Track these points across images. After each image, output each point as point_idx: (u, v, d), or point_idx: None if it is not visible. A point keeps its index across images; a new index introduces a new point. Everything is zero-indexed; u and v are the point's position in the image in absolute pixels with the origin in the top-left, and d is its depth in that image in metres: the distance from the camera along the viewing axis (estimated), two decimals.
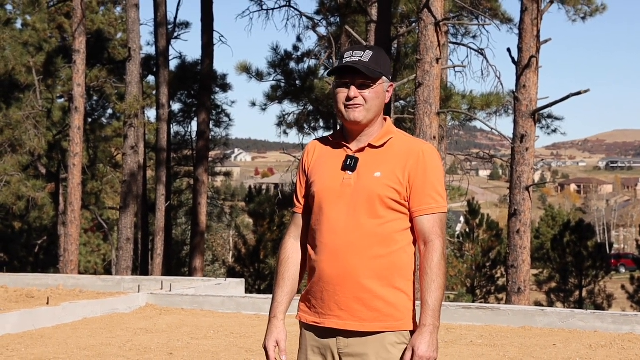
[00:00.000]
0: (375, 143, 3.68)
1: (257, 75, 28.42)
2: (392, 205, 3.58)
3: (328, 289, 3.61)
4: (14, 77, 30.97)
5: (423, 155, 3.63)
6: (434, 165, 3.64)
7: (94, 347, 10.35)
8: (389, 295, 3.56)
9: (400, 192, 3.58)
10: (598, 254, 41.40)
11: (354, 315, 3.57)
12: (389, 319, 3.57)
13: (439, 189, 3.63)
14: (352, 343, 3.59)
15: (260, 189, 36.87)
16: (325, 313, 3.64)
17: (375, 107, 3.66)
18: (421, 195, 3.59)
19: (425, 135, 15.10)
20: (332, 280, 3.59)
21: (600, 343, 10.39)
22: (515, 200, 17.88)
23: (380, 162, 3.64)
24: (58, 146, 33.06)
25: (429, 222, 3.59)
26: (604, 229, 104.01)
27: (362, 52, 3.65)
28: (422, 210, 3.60)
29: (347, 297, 3.57)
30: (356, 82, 3.63)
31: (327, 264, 3.60)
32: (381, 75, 3.67)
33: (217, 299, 14.22)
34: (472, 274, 38.23)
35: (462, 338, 10.98)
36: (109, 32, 34.29)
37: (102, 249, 42.89)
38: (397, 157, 3.63)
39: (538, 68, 18.03)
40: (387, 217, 3.58)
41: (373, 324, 3.56)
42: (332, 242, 3.59)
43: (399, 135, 3.74)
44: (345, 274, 3.56)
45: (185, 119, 36.01)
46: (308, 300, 3.73)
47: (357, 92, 3.63)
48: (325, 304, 3.63)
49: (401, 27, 24.06)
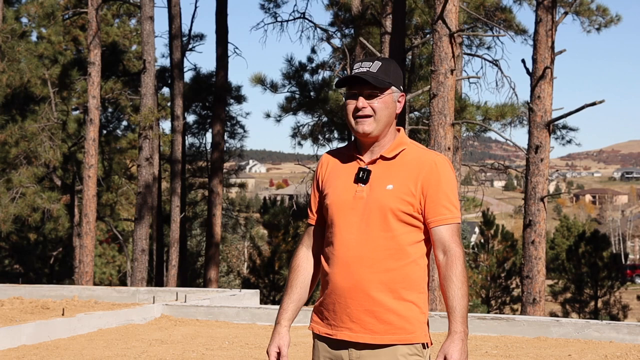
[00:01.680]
0: (388, 155, 3.68)
1: (271, 87, 28.45)
2: (404, 218, 3.58)
3: (340, 301, 3.62)
4: (29, 89, 31.08)
5: (436, 166, 3.62)
6: (447, 177, 3.63)
7: (109, 358, 10.37)
8: (400, 308, 3.57)
9: (413, 204, 3.58)
10: (613, 264, 41.28)
11: (365, 328, 3.58)
12: (401, 332, 3.57)
13: (452, 199, 3.63)
14: (364, 355, 3.60)
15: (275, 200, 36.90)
16: (337, 325, 3.65)
17: (385, 118, 3.65)
18: (436, 206, 3.59)
19: (439, 146, 15.11)
20: (344, 292, 3.60)
21: (616, 354, 10.35)
22: (530, 210, 17.87)
23: (392, 174, 3.64)
24: (73, 158, 33.16)
25: (447, 231, 3.59)
26: (619, 239, 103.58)
27: (371, 63, 3.66)
28: (438, 220, 3.59)
29: (358, 310, 3.58)
30: (364, 93, 3.64)
31: (339, 277, 3.61)
32: (390, 85, 3.66)
33: (232, 310, 14.22)
34: (487, 285, 38.16)
35: (477, 349, 10.96)
36: (123, 45, 34.40)
37: (117, 260, 42.97)
38: (410, 168, 3.63)
39: (552, 79, 18.04)
40: (399, 229, 3.58)
41: (384, 337, 3.57)
42: (344, 255, 3.61)
43: (411, 147, 3.73)
44: (356, 287, 3.57)
45: (200, 131, 36.07)
46: (320, 312, 3.75)
47: (365, 102, 3.63)
48: (337, 316, 3.65)
49: (415, 38, 24.07)
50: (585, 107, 17.70)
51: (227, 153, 34.99)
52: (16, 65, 30.20)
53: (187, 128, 33.81)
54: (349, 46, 25.77)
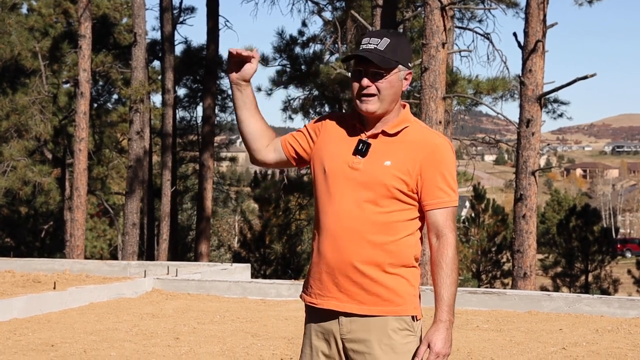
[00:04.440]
0: (390, 130, 3.65)
1: (262, 60, 28.37)
2: (397, 196, 3.56)
3: (328, 271, 3.61)
4: (19, 62, 31.00)
5: (437, 149, 3.60)
6: (448, 160, 3.61)
7: (100, 331, 10.37)
8: (389, 281, 3.56)
9: (408, 183, 3.56)
10: (604, 238, 41.33)
11: (353, 298, 3.58)
12: (389, 304, 3.57)
13: (451, 183, 3.61)
14: (354, 329, 3.60)
15: (266, 174, 36.71)
16: (324, 295, 3.65)
17: (389, 97, 3.61)
18: (433, 188, 3.57)
19: (430, 120, 15.10)
20: (332, 263, 3.59)
21: (607, 328, 10.39)
22: (521, 185, 17.87)
23: (391, 151, 3.61)
24: (64, 131, 33.08)
25: (442, 215, 3.58)
26: (610, 213, 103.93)
27: (379, 40, 3.59)
28: (434, 204, 3.58)
29: (345, 281, 3.58)
30: (369, 71, 3.58)
31: (327, 247, 3.61)
32: (397, 64, 3.60)
33: (223, 284, 14.23)
34: (478, 259, 38.22)
35: (468, 323, 10.99)
36: (114, 17, 34.24)
37: (108, 234, 42.93)
38: (410, 147, 3.60)
39: (544, 52, 18.00)
40: (391, 206, 3.56)
41: (372, 308, 3.57)
42: (333, 226, 3.59)
43: (415, 125, 3.69)
44: (344, 259, 3.56)
45: (191, 104, 36.02)
46: (308, 281, 3.75)
47: (369, 82, 3.58)
48: (324, 286, 3.64)
49: (407, 11, 24.00)
50: (577, 80, 17.68)
51: (218, 127, 34.95)
52: (7, 37, 30.11)
53: (178, 101, 33.72)
54: (340, 19, 25.71)
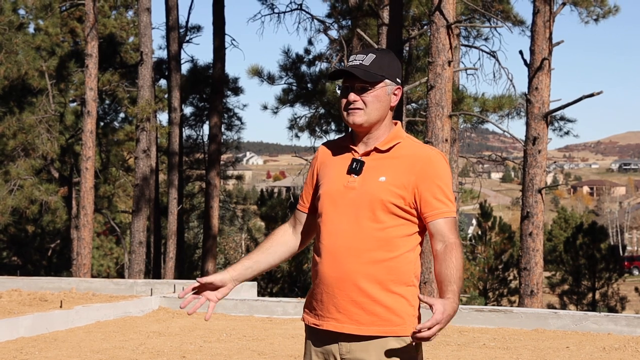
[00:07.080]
0: (382, 147, 3.68)
1: (268, 79, 28.42)
2: (394, 211, 3.57)
3: (328, 291, 3.62)
4: (26, 81, 31.07)
5: (431, 161, 3.62)
6: (443, 171, 3.63)
7: (107, 350, 10.37)
8: (387, 300, 3.55)
9: (404, 197, 3.58)
10: (611, 256, 41.19)
11: (351, 319, 3.58)
12: (388, 324, 3.56)
13: (448, 194, 3.62)
14: (354, 348, 3.59)
15: (272, 192, 36.73)
16: (324, 315, 3.65)
17: (376, 111, 3.66)
18: (432, 200, 3.58)
19: (437, 138, 15.11)
20: (331, 283, 3.60)
21: (614, 346, 10.36)
22: (528, 202, 17.86)
23: (385, 166, 3.64)
24: (70, 150, 33.15)
25: (445, 224, 3.58)
26: (617, 231, 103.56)
27: (364, 56, 3.67)
28: (435, 214, 3.58)
29: (345, 301, 3.58)
30: (356, 87, 3.66)
31: (326, 267, 3.62)
32: (382, 78, 3.65)
33: (230, 302, 14.22)
34: (485, 277, 38.17)
35: (474, 341, 10.97)
36: (121, 36, 34.35)
37: (115, 252, 42.96)
38: (403, 162, 3.63)
39: (550, 70, 18.02)
40: (389, 222, 3.58)
41: (370, 328, 3.56)
42: (332, 245, 3.61)
43: (407, 141, 3.73)
44: (343, 278, 3.57)
45: (197, 123, 36.07)
46: (310, 302, 3.76)
47: (355, 96, 3.65)
48: (324, 307, 3.65)
49: (413, 29, 24.03)
50: (583, 98, 17.69)
51: (225, 145, 34.98)
52: (14, 57, 30.18)
53: (185, 120, 33.78)
54: (346, 38, 25.71)
